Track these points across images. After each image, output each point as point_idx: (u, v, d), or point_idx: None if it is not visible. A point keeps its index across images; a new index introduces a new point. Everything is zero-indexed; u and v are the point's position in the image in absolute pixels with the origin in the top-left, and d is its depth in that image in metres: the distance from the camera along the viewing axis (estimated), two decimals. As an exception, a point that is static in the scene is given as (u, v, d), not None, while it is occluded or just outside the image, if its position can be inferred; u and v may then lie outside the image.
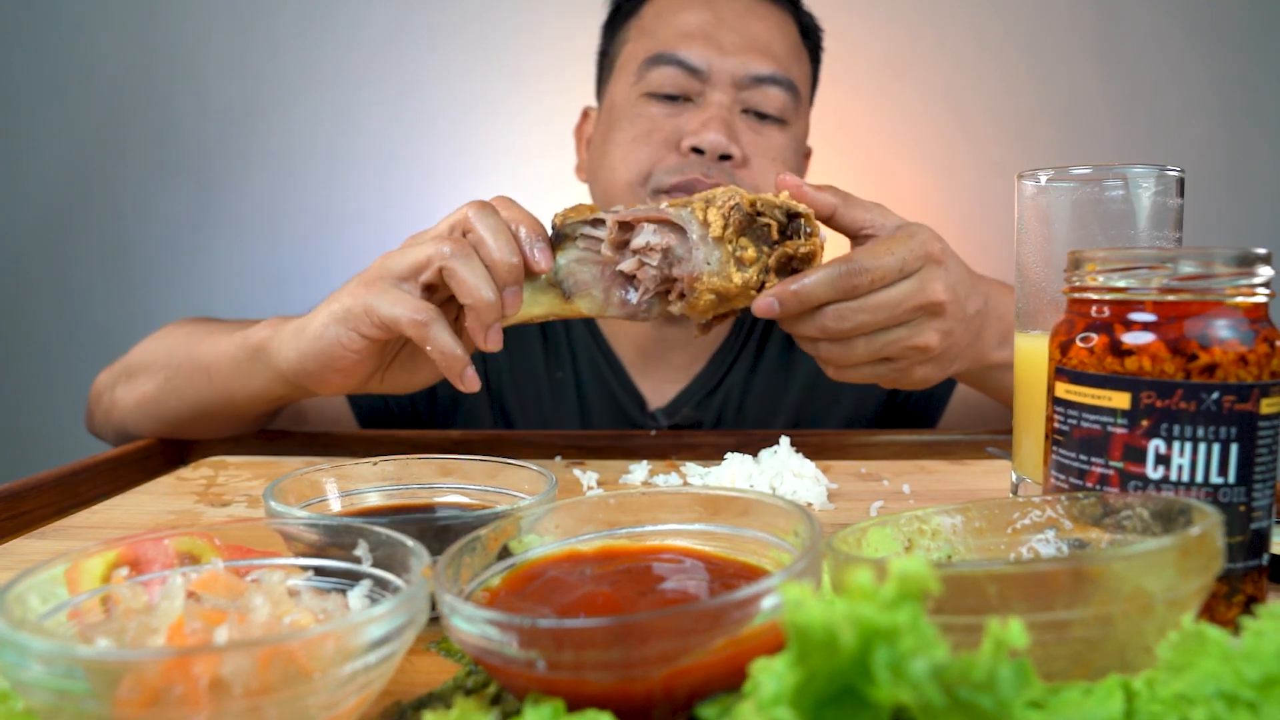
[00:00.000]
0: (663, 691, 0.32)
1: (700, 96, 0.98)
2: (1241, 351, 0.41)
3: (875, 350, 0.69)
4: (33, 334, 2.19)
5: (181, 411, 0.88)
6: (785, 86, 0.99)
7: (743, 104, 0.99)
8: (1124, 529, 0.41)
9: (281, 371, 0.76)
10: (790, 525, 0.41)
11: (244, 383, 0.81)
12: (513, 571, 0.43)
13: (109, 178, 2.16)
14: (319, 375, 0.73)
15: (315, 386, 0.75)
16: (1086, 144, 1.98)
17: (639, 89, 1.00)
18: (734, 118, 0.97)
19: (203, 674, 0.31)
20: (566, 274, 0.71)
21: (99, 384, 1.00)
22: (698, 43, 0.98)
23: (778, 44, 1.01)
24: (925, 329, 0.69)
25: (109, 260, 2.17)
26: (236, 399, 0.83)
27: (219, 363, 0.82)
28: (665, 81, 0.98)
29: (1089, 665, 0.33)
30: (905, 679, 0.24)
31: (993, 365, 0.80)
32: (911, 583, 0.24)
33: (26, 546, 0.63)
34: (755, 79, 0.98)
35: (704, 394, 1.10)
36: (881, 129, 2.05)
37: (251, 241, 2.15)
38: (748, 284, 0.67)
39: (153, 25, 2.13)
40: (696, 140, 0.94)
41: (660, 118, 0.98)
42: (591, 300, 0.71)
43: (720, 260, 0.67)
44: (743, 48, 0.98)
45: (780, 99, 0.99)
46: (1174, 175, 0.55)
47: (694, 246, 0.67)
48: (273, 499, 0.49)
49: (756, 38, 0.99)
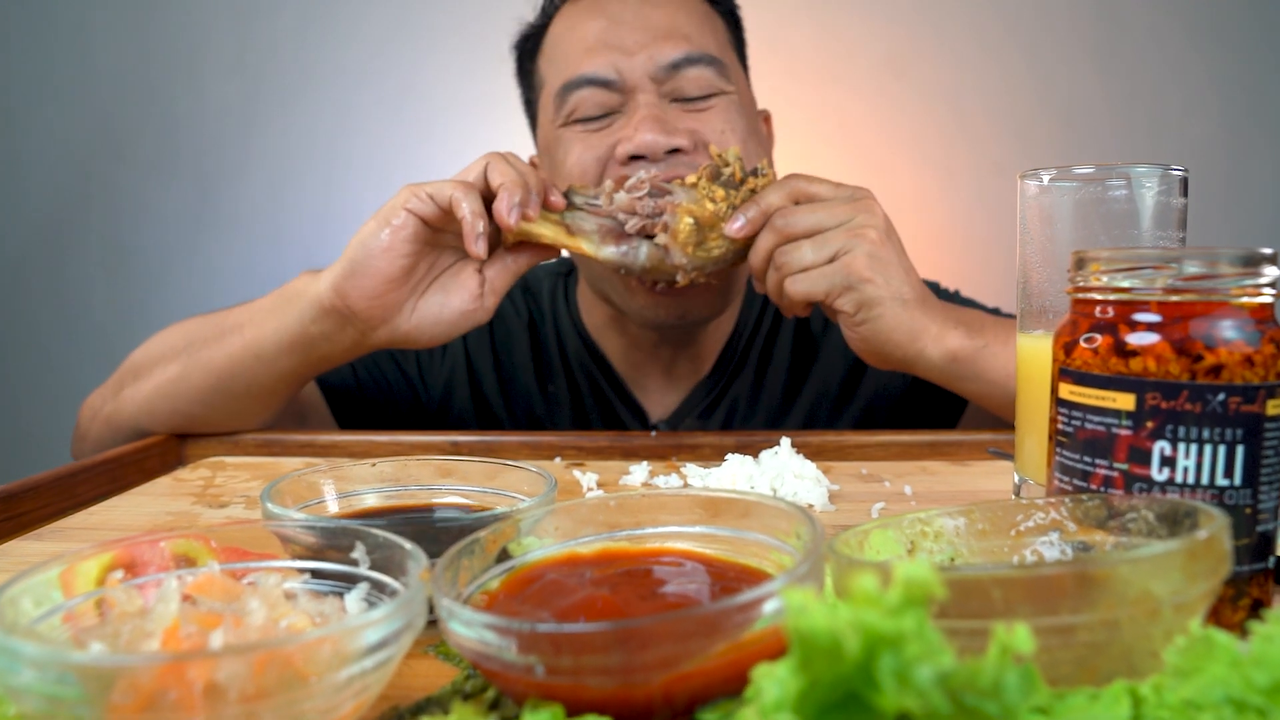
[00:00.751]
0: (663, 697, 0.32)
1: (625, 105, 0.94)
2: (1247, 352, 0.40)
3: (820, 245, 0.79)
4: (32, 334, 2.19)
5: (205, 383, 0.87)
6: (706, 63, 0.95)
7: (670, 95, 0.95)
8: (1129, 531, 0.40)
9: (320, 291, 0.80)
10: (792, 527, 0.41)
11: (276, 325, 0.84)
12: (512, 574, 0.42)
13: (109, 178, 2.16)
14: (363, 266, 0.78)
15: (356, 289, 0.79)
16: (1087, 144, 1.98)
17: (561, 119, 0.97)
18: (665, 111, 0.93)
19: (197, 679, 0.30)
20: (570, 219, 0.83)
21: (92, 404, 0.97)
22: (600, 54, 0.94)
23: (682, 23, 0.97)
24: (863, 220, 0.79)
25: (108, 260, 2.17)
26: (265, 348, 0.85)
27: (253, 317, 0.86)
28: (585, 105, 0.95)
29: (1095, 670, 0.32)
30: (910, 686, 0.24)
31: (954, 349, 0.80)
32: (916, 588, 0.24)
33: (23, 548, 0.63)
34: (671, 66, 0.94)
35: (707, 403, 1.08)
36: (881, 129, 2.05)
37: (251, 241, 2.15)
38: (719, 213, 0.81)
39: (152, 25, 2.12)
40: (632, 146, 0.90)
41: (592, 137, 0.95)
42: (590, 241, 0.82)
43: (696, 197, 0.81)
44: (647, 41, 0.94)
45: (704, 76, 0.95)
46: (1178, 175, 0.55)
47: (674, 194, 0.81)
48: (270, 501, 0.48)
49: (658, 25, 0.95)
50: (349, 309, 0.80)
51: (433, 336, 0.83)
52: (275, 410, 0.94)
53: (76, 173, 2.18)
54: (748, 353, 1.10)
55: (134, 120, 2.15)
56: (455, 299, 0.82)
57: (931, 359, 0.81)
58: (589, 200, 0.83)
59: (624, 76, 0.94)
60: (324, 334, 0.83)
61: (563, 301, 1.13)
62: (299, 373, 0.88)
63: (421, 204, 0.77)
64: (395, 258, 0.78)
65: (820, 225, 0.79)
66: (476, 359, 1.10)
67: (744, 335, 1.10)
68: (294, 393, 0.94)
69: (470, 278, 0.82)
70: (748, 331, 1.11)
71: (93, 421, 0.97)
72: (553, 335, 1.12)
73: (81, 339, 2.16)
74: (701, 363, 1.10)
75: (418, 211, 0.77)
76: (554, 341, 1.11)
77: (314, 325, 0.82)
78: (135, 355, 0.95)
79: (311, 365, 0.87)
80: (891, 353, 0.81)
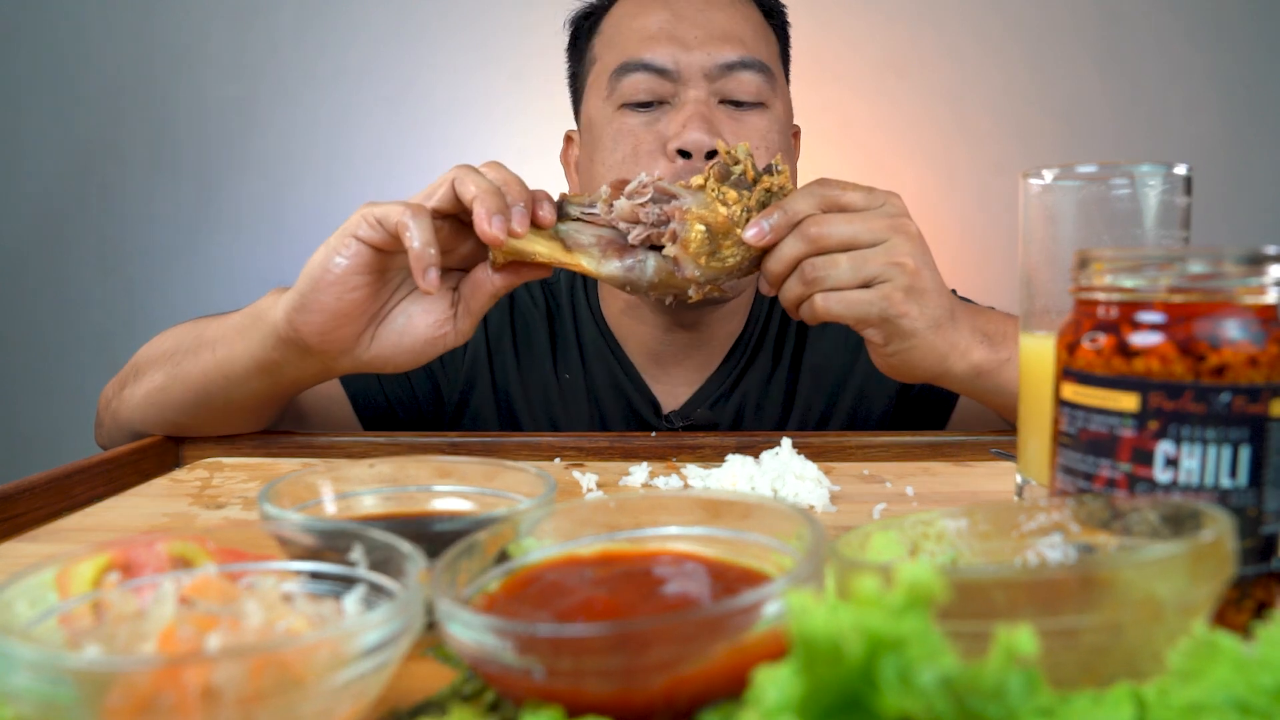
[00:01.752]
0: (663, 699, 0.32)
1: (675, 97, 0.97)
2: (1252, 352, 0.40)
3: (859, 265, 0.74)
4: (31, 334, 2.19)
5: (185, 397, 0.87)
6: (757, 69, 0.98)
7: (718, 95, 0.98)
8: (1132, 533, 0.40)
9: (277, 320, 0.76)
10: (793, 529, 0.41)
11: (243, 348, 0.81)
12: (511, 576, 0.42)
13: (108, 177, 2.16)
14: (311, 300, 0.73)
15: (306, 325, 0.74)
16: (1088, 143, 1.98)
17: (613, 102, 1.00)
18: (712, 111, 0.97)
19: (193, 682, 0.30)
20: (566, 235, 0.75)
21: (105, 393, 0.98)
22: (661, 43, 0.98)
23: (741, 28, 1.00)
24: (901, 248, 0.74)
25: (107, 260, 2.17)
26: (233, 370, 0.83)
27: (224, 336, 0.83)
28: (637, 89, 0.98)
29: (1098, 673, 0.32)
30: (913, 689, 0.24)
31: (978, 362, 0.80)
32: (919, 590, 0.24)
33: (19, 549, 0.63)
34: (725, 67, 0.97)
35: (719, 395, 1.08)
36: (881, 129, 2.04)
37: (251, 241, 2.15)
38: (733, 218, 0.73)
39: (151, 24, 2.12)
40: (680, 142, 0.94)
41: (640, 128, 0.98)
42: (589, 257, 0.75)
43: (705, 200, 0.74)
44: (707, 39, 0.97)
45: (754, 83, 0.98)
46: (1181, 174, 0.55)
47: (681, 198, 0.74)
48: (267, 502, 0.48)
49: (719, 27, 0.99)
50: (303, 342, 0.76)
51: (399, 364, 0.79)
52: (265, 421, 0.94)
53: (75, 172, 2.18)
54: (760, 346, 1.11)
55: (133, 120, 2.15)
56: (419, 324, 0.77)
57: (956, 374, 0.81)
58: (585, 209, 0.76)
59: (680, 68, 0.97)
60: (287, 361, 0.80)
61: (581, 290, 1.14)
62: (273, 393, 0.87)
63: (371, 230, 0.71)
64: (344, 291, 0.73)
65: (856, 239, 0.74)
66: (497, 351, 1.10)
67: (757, 325, 1.11)
68: (279, 408, 0.94)
69: (438, 301, 0.77)
70: (760, 321, 1.11)
71: (105, 412, 0.98)
72: (570, 324, 1.12)
73: (80, 339, 2.16)
74: (716, 352, 1.10)
75: (368, 240, 0.72)
76: (571, 330, 1.12)
77: (275, 352, 0.79)
78: (141, 351, 0.96)
79: (284, 388, 0.85)
80: (918, 375, 0.81)
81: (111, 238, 2.17)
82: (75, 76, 2.15)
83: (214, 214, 2.15)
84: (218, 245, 2.16)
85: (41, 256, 2.19)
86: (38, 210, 2.19)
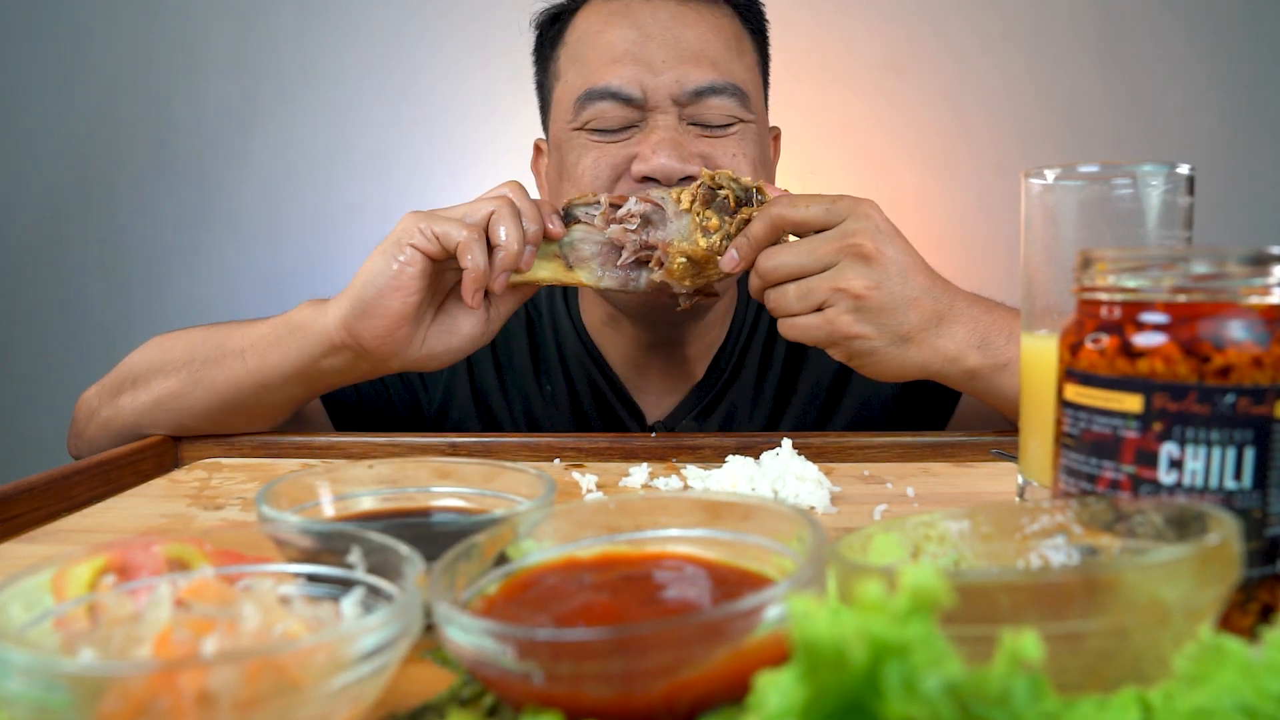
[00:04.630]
0: (664, 704, 0.31)
1: (644, 121, 0.93)
2: (1257, 353, 0.40)
3: (804, 294, 0.77)
4: (30, 334, 2.18)
5: (210, 402, 0.89)
6: (730, 93, 0.94)
7: (689, 119, 0.94)
8: (1136, 535, 0.40)
9: (329, 328, 0.82)
10: (793, 531, 0.40)
11: (281, 357, 0.85)
12: (510, 579, 0.42)
13: (107, 178, 2.16)
14: (374, 306, 0.79)
15: (367, 330, 0.80)
16: (1088, 143, 1.97)
17: (577, 125, 0.96)
18: (682, 135, 0.92)
19: (189, 686, 0.30)
20: (570, 248, 0.84)
21: (88, 403, 0.97)
22: (627, 67, 0.93)
23: (713, 47, 0.95)
24: (848, 272, 0.76)
25: (106, 261, 2.16)
26: (271, 378, 0.86)
27: (256, 345, 0.87)
28: (604, 117, 0.94)
29: (1103, 677, 0.32)
30: (917, 695, 0.23)
31: (973, 368, 0.80)
32: (924, 595, 0.24)
33: (16, 550, 0.62)
34: (695, 93, 0.93)
35: (703, 405, 1.07)
36: (881, 129, 2.04)
37: (250, 241, 2.14)
38: (713, 248, 0.81)
39: (150, 25, 2.12)
40: (647, 169, 0.90)
41: (607, 146, 0.94)
42: (589, 271, 0.84)
43: (688, 229, 0.82)
44: (676, 61, 0.93)
45: (726, 106, 0.94)
46: (1184, 173, 0.54)
47: (668, 219, 0.82)
48: (265, 503, 0.48)
49: (689, 46, 0.94)
50: (361, 347, 0.81)
51: (443, 361, 0.85)
52: (279, 422, 0.96)
53: (75, 172, 2.17)
54: (745, 354, 1.10)
55: (133, 120, 2.14)
56: (464, 325, 0.84)
57: (949, 377, 0.81)
58: (588, 211, 0.84)
59: (647, 94, 0.93)
60: (336, 368, 0.85)
61: (561, 301, 1.12)
62: (310, 395, 0.91)
63: (429, 243, 0.78)
64: (405, 295, 0.79)
65: (802, 269, 0.77)
66: (476, 361, 1.09)
67: (740, 337, 1.10)
68: (300, 409, 0.96)
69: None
70: (744, 333, 1.10)
71: (89, 422, 0.96)
72: (550, 335, 1.11)
73: (79, 339, 2.15)
74: (698, 364, 1.09)
75: (424, 250, 0.78)
76: (552, 341, 1.11)
77: (325, 360, 0.84)
78: (134, 359, 0.95)
79: (322, 390, 0.90)
80: (904, 379, 0.81)
81: (111, 238, 2.17)
82: (75, 77, 2.14)
83: (214, 214, 2.15)
84: (217, 245, 2.15)
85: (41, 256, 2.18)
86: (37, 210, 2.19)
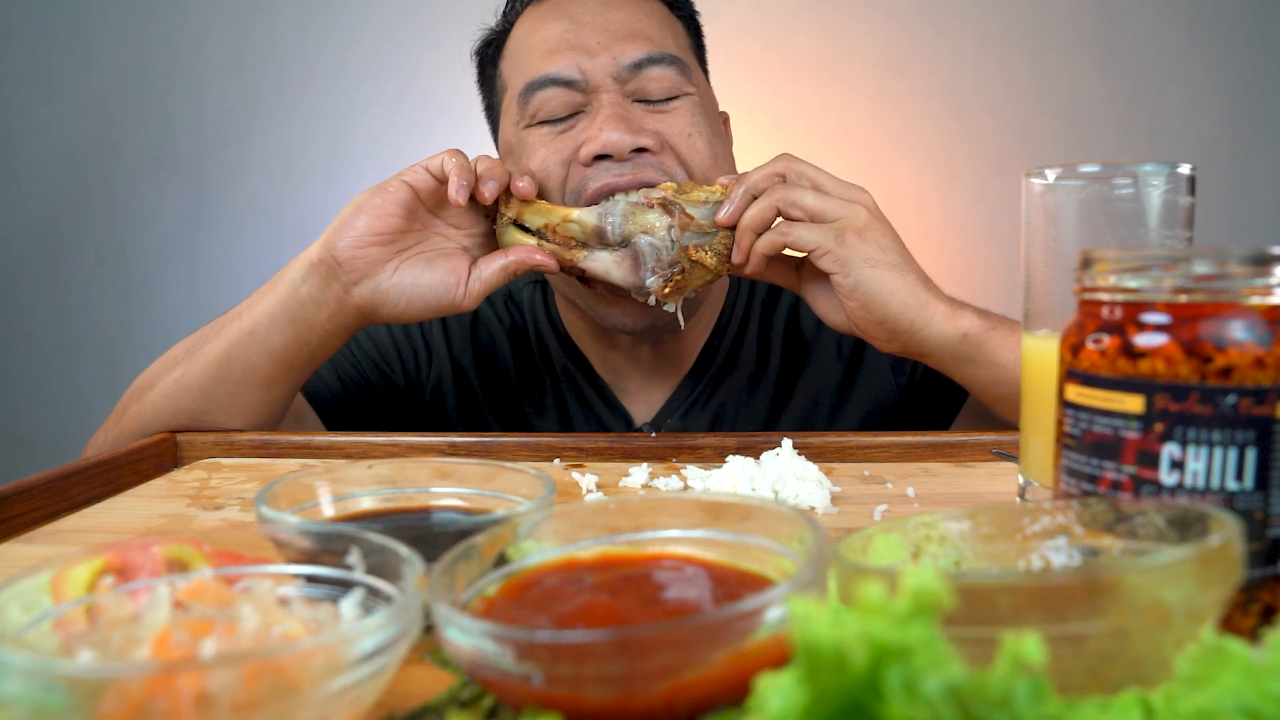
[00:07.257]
0: (664, 706, 0.31)
1: (588, 106, 0.94)
2: (1258, 354, 0.40)
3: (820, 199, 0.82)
4: (30, 334, 2.18)
5: (206, 373, 0.90)
6: (668, 62, 0.95)
7: (632, 95, 0.94)
8: (1138, 536, 0.40)
9: (310, 253, 0.86)
10: (794, 531, 0.40)
11: (268, 299, 0.88)
12: (509, 579, 0.42)
13: (107, 178, 2.16)
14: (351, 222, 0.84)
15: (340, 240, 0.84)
16: (1088, 143, 1.97)
17: (525, 121, 0.96)
18: (629, 110, 0.93)
19: (187, 688, 0.30)
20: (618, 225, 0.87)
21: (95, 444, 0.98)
22: (563, 54, 0.94)
23: (643, 24, 0.97)
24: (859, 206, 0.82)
25: (107, 261, 2.16)
26: (256, 326, 0.88)
27: (247, 304, 0.90)
28: (549, 105, 0.94)
29: (1105, 679, 0.32)
30: (919, 698, 0.23)
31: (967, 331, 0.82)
32: (925, 597, 0.23)
33: (15, 551, 0.62)
34: (633, 65, 0.93)
35: (690, 404, 1.07)
36: (881, 129, 2.04)
37: (250, 241, 2.14)
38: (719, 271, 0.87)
39: (151, 25, 2.12)
40: (597, 146, 0.90)
41: (555, 140, 0.94)
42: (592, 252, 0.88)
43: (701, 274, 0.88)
44: (610, 41, 0.94)
45: (666, 76, 0.95)
46: (1185, 173, 0.54)
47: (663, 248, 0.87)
48: (264, 504, 0.48)
49: (621, 26, 0.95)
50: (334, 259, 0.85)
51: (409, 302, 0.86)
52: (273, 405, 0.93)
53: (75, 172, 2.17)
54: (735, 352, 1.09)
55: (133, 119, 2.14)
56: (439, 271, 0.86)
57: (944, 333, 0.82)
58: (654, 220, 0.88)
59: (587, 76, 0.93)
60: (310, 295, 0.86)
61: (542, 308, 1.12)
62: (290, 349, 0.89)
63: (416, 175, 0.84)
64: (383, 214, 0.84)
65: (823, 187, 0.83)
66: (463, 366, 1.09)
67: (727, 333, 1.09)
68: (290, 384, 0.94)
69: (459, 262, 0.87)
70: (732, 329, 1.09)
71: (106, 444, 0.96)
72: (535, 341, 1.11)
73: (79, 339, 2.15)
74: (682, 362, 1.08)
75: (412, 182, 0.84)
76: (536, 348, 1.11)
77: (303, 286, 0.86)
78: (136, 382, 0.96)
79: (300, 338, 0.89)
80: (896, 320, 0.81)
81: (111, 238, 2.17)
82: (75, 76, 2.14)
83: (214, 214, 2.15)
84: (217, 245, 2.15)
85: (41, 257, 2.18)
86: (37, 210, 2.19)
